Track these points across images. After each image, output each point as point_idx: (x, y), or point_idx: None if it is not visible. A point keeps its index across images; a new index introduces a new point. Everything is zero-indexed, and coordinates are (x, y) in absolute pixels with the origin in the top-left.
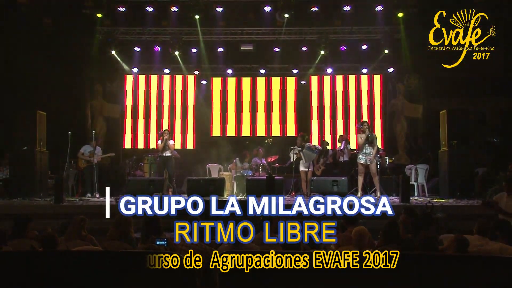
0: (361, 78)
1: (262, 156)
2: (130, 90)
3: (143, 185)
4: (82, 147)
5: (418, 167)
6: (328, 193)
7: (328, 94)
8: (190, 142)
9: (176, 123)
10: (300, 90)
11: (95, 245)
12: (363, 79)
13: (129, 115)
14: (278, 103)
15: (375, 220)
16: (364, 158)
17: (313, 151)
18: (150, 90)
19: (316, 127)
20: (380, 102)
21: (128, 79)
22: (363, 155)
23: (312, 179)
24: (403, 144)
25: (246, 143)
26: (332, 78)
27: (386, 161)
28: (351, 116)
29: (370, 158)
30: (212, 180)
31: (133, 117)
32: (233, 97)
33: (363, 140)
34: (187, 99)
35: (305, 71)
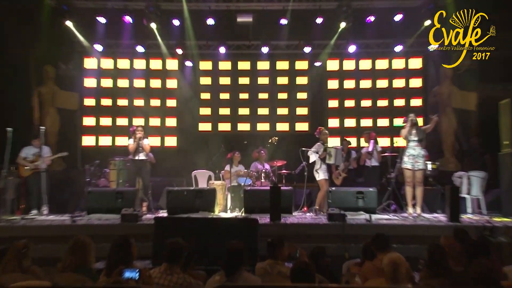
0: (394, 59)
1: (264, 160)
2: (92, 74)
3: (108, 198)
4: (22, 150)
5: (472, 175)
6: (351, 209)
7: (351, 80)
8: (171, 141)
9: (152, 117)
10: (314, 74)
11: (41, 279)
12: (397, 61)
13: (89, 106)
14: (285, 91)
15: (413, 244)
16: (411, 161)
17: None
18: (118, 75)
19: (335, 122)
20: (419, 90)
21: (89, 60)
22: (409, 157)
23: (330, 190)
24: (451, 144)
25: (244, 142)
26: (356, 59)
27: (428, 166)
28: (380, 108)
29: (421, 162)
30: (199, 192)
31: (96, 109)
32: (227, 84)
33: (412, 136)
34: (167, 87)
35: (321, 50)
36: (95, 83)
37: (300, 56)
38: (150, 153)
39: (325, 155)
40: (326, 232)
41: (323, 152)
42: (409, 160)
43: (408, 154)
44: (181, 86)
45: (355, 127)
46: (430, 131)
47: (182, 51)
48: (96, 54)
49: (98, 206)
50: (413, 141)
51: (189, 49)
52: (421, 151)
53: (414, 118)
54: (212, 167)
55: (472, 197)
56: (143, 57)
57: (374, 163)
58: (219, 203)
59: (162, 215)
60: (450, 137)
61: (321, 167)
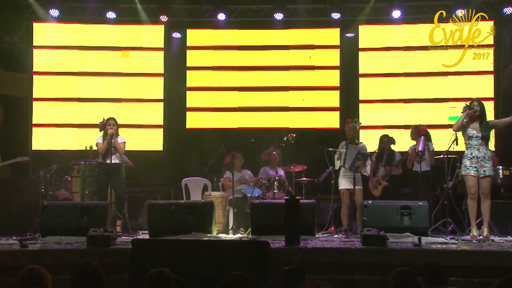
0: (453, 27)
1: (278, 164)
2: (45, 49)
3: (70, 215)
4: None
5: None
6: (393, 229)
7: (394, 56)
8: (155, 140)
9: (129, 108)
10: (345, 49)
11: None
12: (439, 29)
13: (43, 92)
14: (306, 72)
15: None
16: (475, 166)
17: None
18: (81, 49)
19: (371, 113)
20: (490, 67)
21: (41, 29)
22: (472, 160)
23: (366, 204)
24: None
25: (251, 140)
26: (401, 28)
27: (500, 173)
28: (433, 93)
29: (487, 166)
30: (191, 206)
31: (52, 95)
32: (227, 61)
33: (474, 131)
34: (148, 66)
35: (354, 17)
36: (50, 61)
37: (326, 24)
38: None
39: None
40: (360, 260)
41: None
42: (471, 165)
43: (470, 156)
44: (167, 65)
45: (398, 119)
46: (504, 126)
47: (168, 18)
48: (50, 21)
49: (56, 226)
50: (476, 139)
51: (177, 15)
52: (488, 152)
53: (475, 107)
54: (209, 174)
55: None
56: (115, 25)
57: (425, 167)
58: (218, 221)
59: (142, 237)
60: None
61: (341, 173)
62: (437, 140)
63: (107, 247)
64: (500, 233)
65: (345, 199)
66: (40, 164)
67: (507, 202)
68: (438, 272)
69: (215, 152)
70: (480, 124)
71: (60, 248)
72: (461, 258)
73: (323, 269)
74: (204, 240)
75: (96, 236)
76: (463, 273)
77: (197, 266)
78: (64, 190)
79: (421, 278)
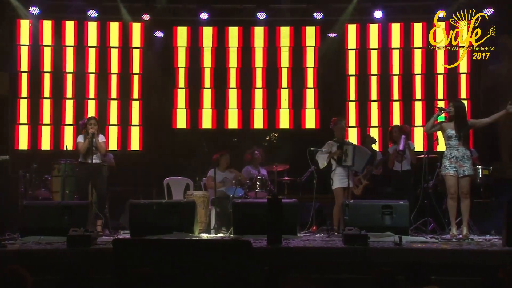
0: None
1: (260, 163)
2: (27, 47)
3: (50, 215)
4: None
5: None
6: (374, 228)
7: (376, 56)
8: (135, 140)
9: (110, 107)
10: (327, 48)
11: None
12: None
13: (25, 91)
14: (288, 71)
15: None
16: (454, 166)
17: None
18: (63, 47)
19: (354, 112)
20: (468, 69)
21: (23, 27)
22: (451, 160)
23: (347, 203)
24: (511, 144)
25: (234, 140)
26: (384, 28)
27: (479, 173)
28: (416, 93)
29: (467, 166)
30: (173, 206)
31: (32, 94)
32: (209, 61)
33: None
34: (130, 65)
35: (337, 16)
36: (31, 58)
37: (308, 23)
38: (110, 153)
39: (340, 154)
40: (341, 260)
41: (337, 150)
42: (451, 165)
43: (449, 156)
44: (149, 64)
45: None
46: (483, 126)
47: (150, 17)
48: (32, 19)
49: (36, 226)
50: (455, 139)
51: (159, 13)
52: (467, 152)
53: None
54: (191, 173)
55: None
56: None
57: (406, 166)
58: (200, 220)
59: (124, 236)
60: (510, 133)
61: (336, 172)
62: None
63: (88, 247)
64: (479, 232)
65: (339, 198)
66: (20, 163)
67: (486, 201)
68: (419, 271)
69: (197, 152)
70: (457, 124)
71: (40, 248)
72: (441, 256)
73: (305, 269)
74: (186, 239)
75: (76, 236)
76: (443, 271)
77: (179, 265)
78: (44, 190)
79: (403, 277)
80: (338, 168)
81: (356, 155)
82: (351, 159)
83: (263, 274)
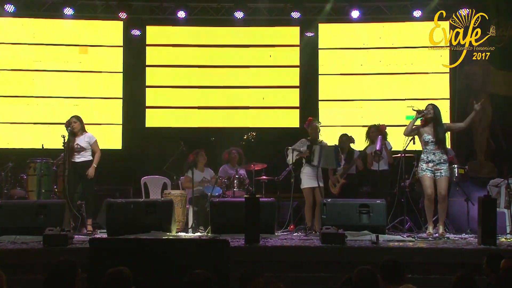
0: (411, 27)
1: (238, 163)
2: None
3: (25, 214)
4: None
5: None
6: (352, 227)
7: (352, 56)
8: (113, 138)
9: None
10: (304, 48)
11: None
12: (414, 29)
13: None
14: (266, 71)
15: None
16: (431, 168)
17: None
18: (38, 45)
19: (330, 112)
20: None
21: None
22: (428, 164)
23: (325, 202)
24: (485, 143)
25: (212, 139)
26: (360, 28)
27: (455, 172)
28: (391, 93)
29: (443, 169)
30: (150, 205)
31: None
32: (187, 60)
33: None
34: (107, 63)
35: (313, 16)
36: (6, 55)
37: (286, 23)
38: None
39: (307, 153)
40: (318, 258)
41: (306, 150)
42: (428, 168)
43: (426, 160)
44: (126, 63)
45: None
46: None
47: (127, 15)
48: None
49: (12, 225)
50: (431, 144)
51: (135, 12)
52: (443, 156)
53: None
54: (168, 172)
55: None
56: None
57: (383, 166)
58: (178, 219)
59: (101, 236)
60: (484, 133)
61: (304, 171)
62: (395, 139)
63: (64, 246)
64: (455, 231)
65: (308, 197)
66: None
67: (461, 200)
68: (396, 269)
69: (174, 151)
70: (434, 127)
71: (15, 248)
72: (417, 255)
73: (283, 267)
74: (163, 238)
75: (52, 235)
76: (420, 269)
77: (157, 265)
78: (20, 189)
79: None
80: (306, 168)
81: (322, 154)
82: (317, 159)
83: (239, 275)
